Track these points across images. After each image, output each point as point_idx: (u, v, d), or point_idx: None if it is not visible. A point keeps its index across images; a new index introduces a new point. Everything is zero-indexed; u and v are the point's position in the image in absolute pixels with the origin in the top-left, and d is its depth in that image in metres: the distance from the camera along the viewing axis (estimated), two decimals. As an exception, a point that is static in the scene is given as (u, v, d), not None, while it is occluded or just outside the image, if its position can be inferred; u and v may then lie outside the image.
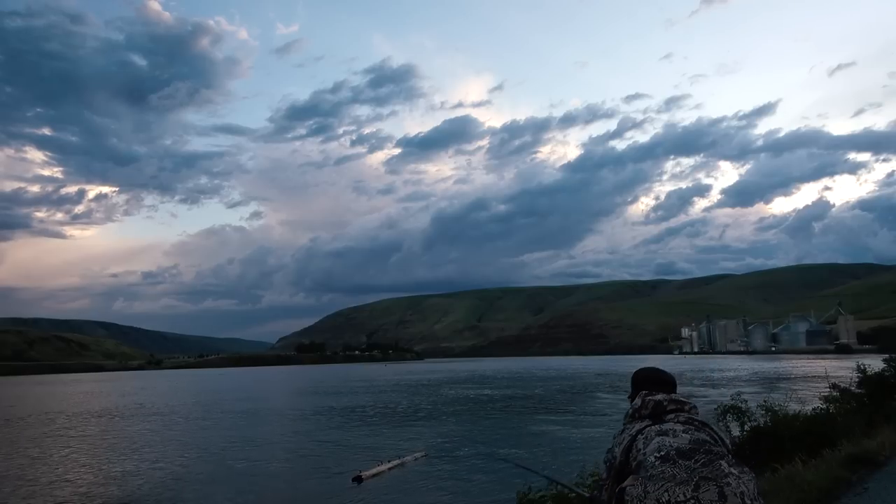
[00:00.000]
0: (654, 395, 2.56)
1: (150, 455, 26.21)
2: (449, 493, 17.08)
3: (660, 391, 2.62)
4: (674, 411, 2.48)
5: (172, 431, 35.03)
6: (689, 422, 2.38)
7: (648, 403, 2.52)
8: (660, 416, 2.46)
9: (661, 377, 2.73)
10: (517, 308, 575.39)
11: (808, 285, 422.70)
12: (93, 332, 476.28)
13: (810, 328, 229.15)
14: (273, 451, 26.74)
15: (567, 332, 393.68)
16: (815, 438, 8.79)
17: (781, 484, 6.26)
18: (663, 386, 2.66)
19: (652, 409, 2.51)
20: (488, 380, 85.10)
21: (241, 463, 23.88)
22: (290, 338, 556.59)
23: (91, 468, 23.71)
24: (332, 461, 23.28)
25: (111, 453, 27.20)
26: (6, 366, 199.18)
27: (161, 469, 23.08)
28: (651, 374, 2.77)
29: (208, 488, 19.68)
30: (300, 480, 20.16)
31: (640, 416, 2.53)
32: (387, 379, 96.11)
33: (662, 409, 2.49)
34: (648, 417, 2.49)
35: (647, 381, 2.73)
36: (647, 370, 2.81)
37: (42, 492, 19.61)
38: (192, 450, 27.64)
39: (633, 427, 2.47)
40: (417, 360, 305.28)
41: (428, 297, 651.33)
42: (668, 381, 2.70)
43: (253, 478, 20.95)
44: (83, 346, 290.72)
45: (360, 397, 58.42)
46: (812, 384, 41.17)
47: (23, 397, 75.21)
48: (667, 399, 2.51)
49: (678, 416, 2.44)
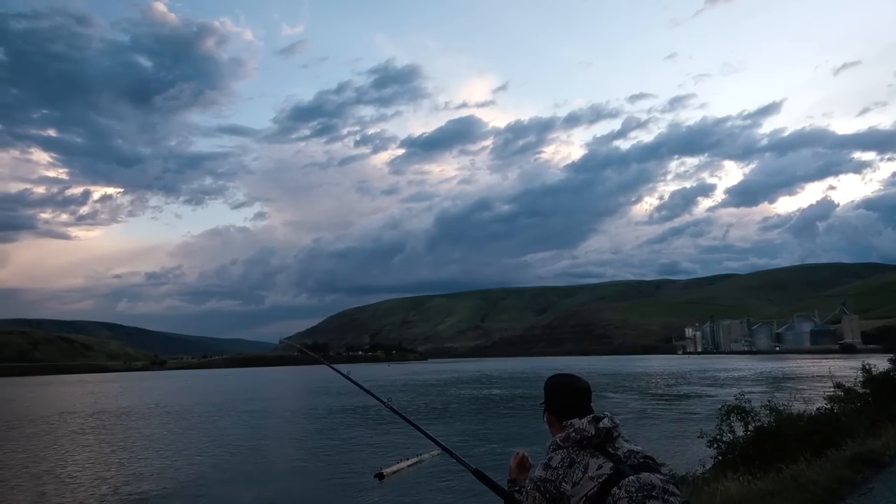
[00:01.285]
0: (596, 419, 2.41)
1: (175, 453, 26.83)
2: (464, 490, 17.50)
3: (577, 401, 2.52)
4: (616, 437, 2.40)
5: (193, 431, 35.49)
6: (646, 465, 2.30)
7: (601, 430, 2.37)
8: (604, 444, 2.38)
9: (578, 385, 2.59)
10: (520, 308, 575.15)
11: (813, 285, 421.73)
12: (97, 332, 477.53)
13: (814, 328, 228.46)
14: (294, 448, 27.47)
15: (570, 333, 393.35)
16: (820, 438, 8.76)
17: (786, 484, 6.23)
18: (581, 396, 2.55)
19: (601, 439, 2.38)
20: (495, 380, 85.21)
21: (265, 460, 24.59)
22: (294, 338, 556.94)
23: (122, 466, 24.32)
24: (353, 459, 23.89)
25: (138, 452, 27.72)
26: (11, 367, 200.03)
27: (188, 466, 23.63)
28: (567, 381, 2.62)
29: (236, 485, 20.26)
30: (324, 477, 20.70)
31: (588, 443, 2.38)
32: (393, 379, 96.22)
33: (610, 436, 2.39)
34: (594, 447, 2.37)
35: (565, 389, 2.59)
36: (562, 377, 2.64)
37: (76, 490, 19.90)
38: (215, 448, 28.26)
39: (591, 463, 2.32)
40: (421, 360, 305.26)
41: (431, 298, 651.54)
42: (585, 388, 2.59)
43: (278, 475, 21.52)
44: (87, 346, 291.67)
45: (370, 397, 58.38)
46: (816, 384, 41.10)
47: (37, 397, 75.74)
48: (613, 424, 2.40)
49: (617, 443, 2.37)
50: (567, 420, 2.46)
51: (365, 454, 24.76)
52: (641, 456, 2.34)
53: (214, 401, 60.07)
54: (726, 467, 9.35)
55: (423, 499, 17.45)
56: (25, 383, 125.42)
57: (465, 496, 17.18)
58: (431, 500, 17.38)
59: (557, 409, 2.55)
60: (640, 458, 2.33)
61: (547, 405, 2.59)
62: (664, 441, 23.12)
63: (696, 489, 7.98)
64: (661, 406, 40.95)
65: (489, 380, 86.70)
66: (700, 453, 11.67)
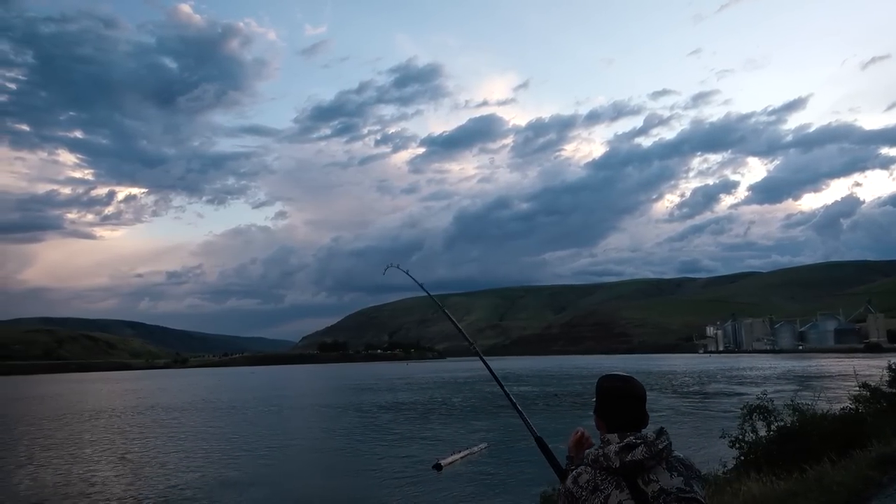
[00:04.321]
0: (630, 447, 2.21)
1: (241, 445, 28.06)
2: (512, 481, 18.69)
3: (625, 408, 2.32)
4: (652, 468, 2.19)
5: (251, 426, 36.39)
6: (680, 502, 2.13)
7: (628, 464, 2.19)
8: (634, 475, 2.19)
9: (627, 390, 2.36)
10: (539, 307, 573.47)
11: (837, 283, 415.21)
12: (120, 331, 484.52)
13: (839, 326, 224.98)
14: (351, 441, 28.64)
15: (589, 331, 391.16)
16: (845, 439, 8.63)
17: (809, 485, 6.16)
18: (629, 403, 2.33)
19: (631, 469, 2.19)
20: (523, 378, 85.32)
21: (330, 454, 25.75)
22: (313, 337, 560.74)
23: (205, 456, 25.40)
24: (409, 451, 25.05)
25: (204, 444, 28.79)
26: (37, 364, 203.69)
27: (258, 459, 24.64)
28: (618, 386, 2.38)
29: (305, 474, 21.48)
30: (388, 468, 21.70)
31: (611, 468, 2.22)
32: (419, 377, 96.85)
33: (641, 468, 2.19)
34: (623, 475, 2.19)
35: (612, 394, 2.37)
36: (613, 380, 2.41)
37: (145, 483, 20.63)
38: (276, 441, 29.50)
39: (613, 495, 2.17)
40: (439, 359, 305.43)
41: (449, 296, 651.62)
42: (636, 395, 2.34)
43: (345, 467, 22.58)
44: (111, 345, 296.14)
45: (405, 394, 59.78)
46: (841, 383, 40.49)
47: (77, 393, 77.10)
48: (646, 454, 2.18)
49: (656, 475, 2.18)
50: (612, 430, 2.30)
51: (419, 447, 25.93)
52: (674, 498, 2.13)
53: (260, 396, 61.57)
54: (749, 467, 9.25)
55: (482, 487, 18.40)
56: (56, 380, 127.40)
57: (518, 485, 17.94)
58: (490, 488, 18.33)
59: (604, 413, 2.37)
60: (671, 500, 2.13)
61: (596, 407, 2.41)
62: (686, 440, 22.95)
63: (719, 489, 7.92)
64: (683, 405, 40.62)
65: (515, 378, 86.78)
66: (722, 453, 11.56)
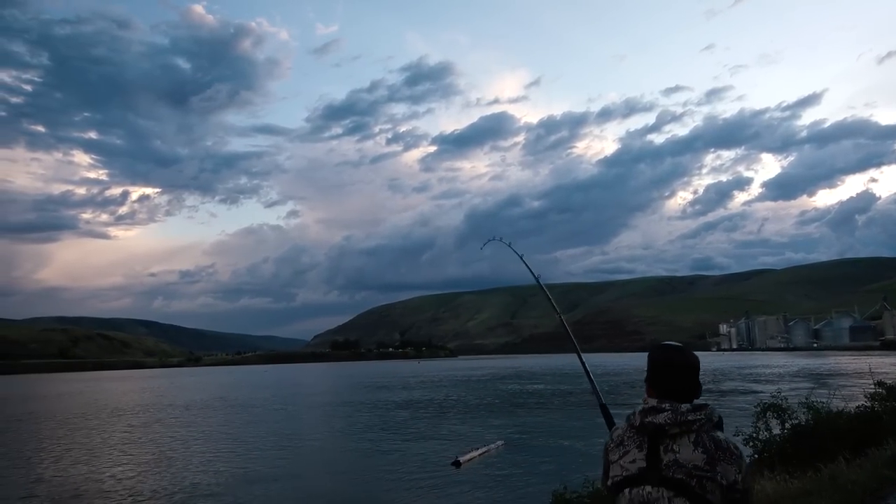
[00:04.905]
0: (655, 410, 2.27)
1: (261, 442, 28.32)
2: (530, 478, 18.78)
3: (665, 376, 2.35)
4: (676, 437, 2.21)
5: (270, 423, 36.71)
6: (686, 481, 2.13)
7: (647, 425, 2.26)
8: (657, 438, 2.23)
9: (668, 358, 2.39)
10: (550, 305, 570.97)
11: (852, 280, 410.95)
12: (134, 330, 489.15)
13: (854, 324, 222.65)
14: (369, 438, 28.93)
15: (601, 329, 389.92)
16: (860, 437, 8.55)
17: (824, 484, 6.10)
18: (670, 371, 2.35)
19: (651, 432, 2.25)
20: (536, 376, 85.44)
21: (346, 449, 26.14)
22: (325, 335, 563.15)
23: (214, 453, 25.67)
24: (426, 448, 25.29)
25: (225, 441, 29.08)
26: (52, 363, 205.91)
27: (280, 453, 25.16)
28: (660, 353, 2.42)
29: (326, 470, 21.81)
30: (406, 464, 21.94)
31: (635, 426, 2.31)
32: (432, 375, 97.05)
33: (663, 432, 2.23)
34: (647, 436, 2.25)
35: (655, 361, 2.41)
36: (660, 349, 2.45)
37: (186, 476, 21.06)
38: (295, 438, 29.83)
39: (631, 453, 2.26)
40: (451, 357, 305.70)
41: (461, 295, 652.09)
42: (678, 363, 2.37)
43: (363, 461, 22.89)
44: (125, 343, 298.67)
45: (420, 392, 59.94)
46: (856, 381, 40.06)
47: (95, 392, 77.50)
48: (670, 422, 2.21)
49: (679, 446, 2.19)
50: (657, 397, 2.34)
51: (436, 444, 26.11)
52: (685, 472, 2.14)
53: (280, 394, 62.09)
54: (763, 466, 9.18)
55: (501, 484, 18.45)
56: (72, 379, 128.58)
57: (536, 482, 18.00)
58: (509, 485, 18.36)
59: (649, 380, 2.41)
60: (681, 474, 2.14)
61: (647, 380, 2.44)
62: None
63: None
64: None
65: (529, 376, 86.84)
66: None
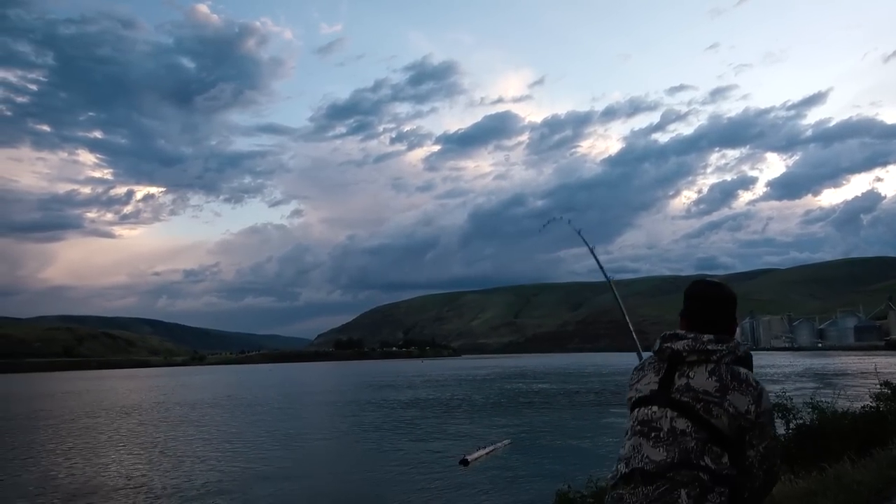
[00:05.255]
0: (676, 336, 2.31)
1: (270, 441, 28.77)
2: (537, 476, 19.01)
3: (697, 308, 2.37)
4: (694, 364, 2.24)
5: (278, 421, 37.12)
6: (692, 404, 2.14)
7: (665, 351, 2.31)
8: (674, 364, 2.27)
9: (701, 291, 2.43)
10: (554, 304, 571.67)
11: (857, 279, 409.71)
12: (139, 329, 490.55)
13: (859, 324, 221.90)
14: (378, 436, 29.37)
15: (605, 329, 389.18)
16: (865, 437, 8.52)
17: (829, 484, 6.08)
18: (701, 303, 2.38)
19: (668, 357, 2.30)
20: (540, 375, 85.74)
21: (355, 447, 26.52)
22: (328, 334, 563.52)
23: (223, 451, 26.04)
24: (434, 446, 25.64)
25: (234, 439, 29.51)
26: (57, 362, 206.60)
27: (289, 451, 25.61)
28: (695, 286, 2.47)
29: (335, 468, 22.07)
30: (414, 462, 22.23)
31: (655, 351, 2.38)
32: (437, 375, 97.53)
33: (680, 359, 2.26)
34: (664, 362, 2.30)
35: (689, 294, 2.46)
36: (697, 282, 2.49)
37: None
38: (304, 436, 30.19)
39: (648, 377, 2.32)
40: (454, 356, 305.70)
41: (464, 294, 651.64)
42: (710, 295, 2.40)
43: (372, 459, 23.24)
44: (130, 342, 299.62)
45: (426, 391, 60.31)
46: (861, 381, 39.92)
47: (102, 390, 78.28)
48: (688, 349, 2.25)
49: (694, 373, 2.20)
50: (686, 326, 2.37)
51: (444, 443, 26.44)
52: (693, 396, 2.16)
53: (280, 393, 62.54)
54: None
55: (510, 482, 18.64)
56: (78, 378, 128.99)
57: (543, 480, 18.15)
58: (517, 483, 18.56)
59: (684, 311, 2.44)
60: (688, 397, 2.16)
61: (681, 313, 2.46)
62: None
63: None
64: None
65: (534, 375, 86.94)
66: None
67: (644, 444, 2.15)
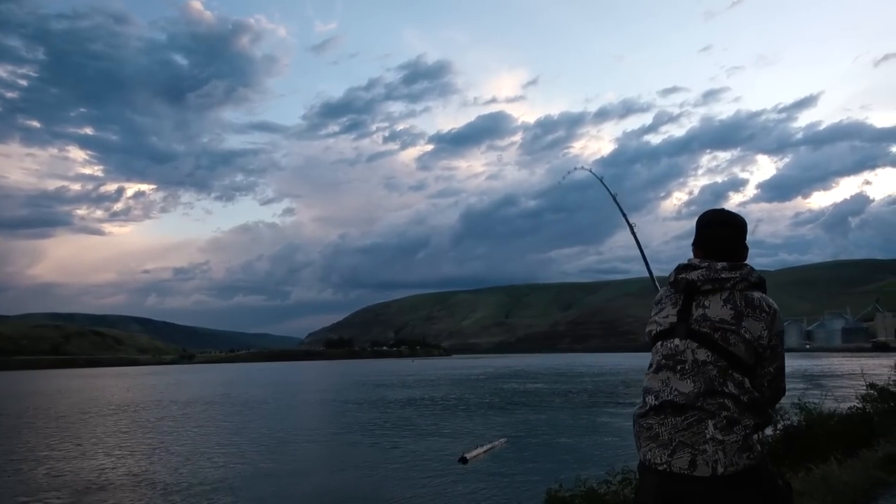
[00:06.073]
0: (690, 267, 2.31)
1: (266, 439, 28.30)
2: (534, 474, 18.90)
3: (709, 235, 2.38)
4: (709, 293, 2.25)
5: (274, 420, 36.65)
6: (710, 333, 2.18)
7: (680, 282, 2.31)
8: (692, 295, 2.27)
9: (713, 217, 2.44)
10: (545, 304, 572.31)
11: (845, 282, 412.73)
12: (127, 327, 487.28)
13: (846, 325, 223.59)
14: (374, 435, 29.32)
15: (596, 329, 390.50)
16: (851, 438, 8.58)
17: (816, 484, 6.13)
18: (713, 230, 2.39)
19: (684, 288, 2.31)
20: (533, 375, 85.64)
21: (353, 445, 26.36)
22: (319, 333, 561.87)
23: (221, 449, 25.67)
24: (431, 444, 25.60)
25: (230, 438, 29.05)
26: (45, 359, 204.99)
27: (287, 450, 25.40)
28: (708, 213, 2.47)
29: (334, 466, 22.00)
30: (413, 460, 22.22)
31: (671, 282, 2.38)
32: (429, 374, 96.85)
33: (695, 289, 2.27)
34: (682, 293, 2.31)
35: (701, 221, 2.46)
36: (709, 212, 2.48)
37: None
38: (301, 435, 29.93)
39: (667, 309, 2.35)
40: (445, 356, 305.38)
41: (455, 293, 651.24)
42: (721, 220, 2.41)
43: (371, 457, 23.13)
44: (118, 340, 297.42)
45: (419, 390, 60.04)
46: (848, 382, 40.23)
47: (92, 388, 76.64)
48: (702, 278, 2.25)
49: (710, 302, 2.23)
50: (699, 255, 2.39)
51: (441, 441, 26.45)
52: (710, 325, 2.19)
53: (272, 392, 61.82)
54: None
55: (510, 480, 18.67)
56: (66, 375, 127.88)
57: (541, 478, 18.06)
58: (517, 480, 18.55)
59: (696, 240, 2.45)
60: (706, 327, 2.20)
61: (694, 241, 2.47)
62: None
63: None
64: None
65: (527, 375, 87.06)
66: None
67: (672, 378, 2.19)
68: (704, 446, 2.04)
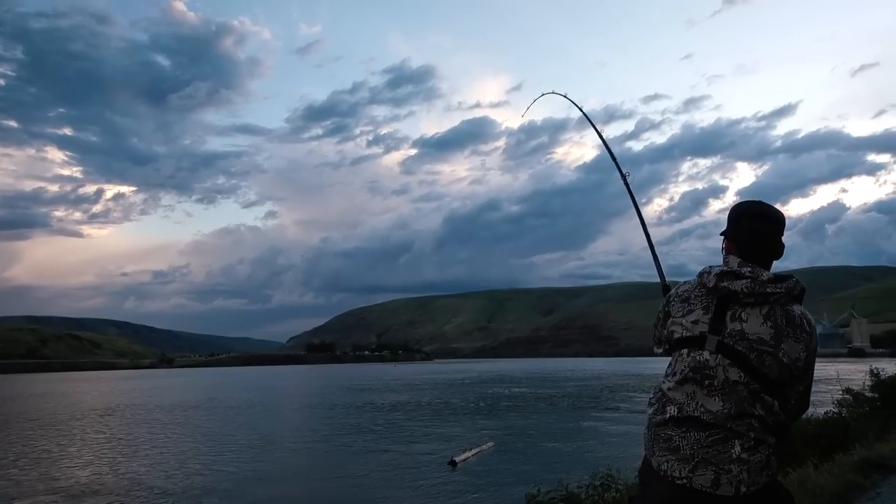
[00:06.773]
0: (734, 275, 2.09)
1: (252, 444, 28.24)
2: (522, 477, 18.84)
3: (755, 229, 2.15)
4: (749, 306, 2.07)
5: (258, 425, 36.49)
6: (746, 354, 2.01)
7: (722, 290, 2.09)
8: (727, 303, 2.09)
9: (760, 210, 2.18)
10: (527, 309, 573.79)
11: (821, 288, 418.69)
12: (105, 330, 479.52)
13: (823, 331, 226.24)
14: (362, 439, 29.38)
15: (577, 334, 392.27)
16: (828, 442, 8.71)
17: (793, 488, 6.22)
18: (760, 223, 2.15)
19: (722, 296, 2.10)
20: (516, 380, 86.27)
21: (341, 449, 26.39)
22: (300, 337, 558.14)
23: (206, 455, 25.45)
24: (420, 448, 25.80)
25: (215, 443, 28.93)
26: (20, 363, 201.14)
27: (275, 455, 25.42)
28: (750, 204, 2.22)
29: (323, 471, 21.85)
30: (402, 464, 22.34)
31: (707, 286, 2.14)
32: (411, 378, 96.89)
33: (735, 299, 2.08)
34: (717, 298, 2.11)
35: (743, 212, 2.21)
36: (748, 201, 2.24)
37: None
38: (287, 440, 30.08)
39: (696, 313, 2.12)
40: (427, 360, 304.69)
41: (437, 298, 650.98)
42: (768, 216, 2.17)
43: (360, 461, 23.12)
44: (96, 344, 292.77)
45: (403, 395, 59.97)
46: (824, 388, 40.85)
47: (71, 393, 75.11)
48: (746, 290, 2.06)
49: (748, 315, 2.06)
50: (735, 253, 2.17)
51: (429, 445, 26.61)
52: (747, 345, 2.02)
53: (255, 397, 61.38)
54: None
55: (499, 483, 18.78)
56: (43, 380, 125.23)
57: (528, 480, 18.12)
58: (505, 482, 18.63)
59: (731, 232, 2.22)
60: (743, 346, 2.02)
61: (726, 229, 2.25)
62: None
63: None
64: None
65: (510, 379, 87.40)
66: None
67: (699, 393, 2.04)
68: (730, 466, 1.95)
